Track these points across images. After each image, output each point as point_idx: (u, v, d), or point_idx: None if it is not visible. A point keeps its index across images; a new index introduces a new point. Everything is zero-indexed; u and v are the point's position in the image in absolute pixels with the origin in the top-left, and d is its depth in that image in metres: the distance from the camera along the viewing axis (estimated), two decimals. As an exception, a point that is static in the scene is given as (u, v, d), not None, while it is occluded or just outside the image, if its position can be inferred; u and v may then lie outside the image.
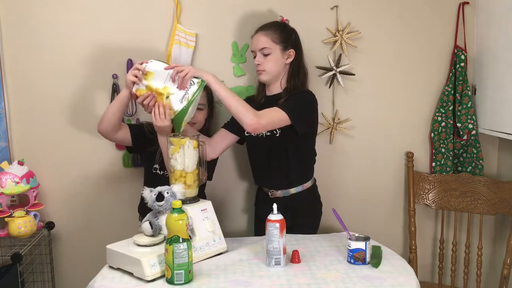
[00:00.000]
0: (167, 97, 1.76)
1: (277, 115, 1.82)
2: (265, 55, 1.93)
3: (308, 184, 2.03)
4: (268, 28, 1.95)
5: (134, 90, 1.79)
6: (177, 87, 1.76)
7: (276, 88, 2.00)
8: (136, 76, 1.76)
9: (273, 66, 1.94)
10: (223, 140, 2.05)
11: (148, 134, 2.00)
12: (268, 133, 1.97)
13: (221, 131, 2.06)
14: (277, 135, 1.94)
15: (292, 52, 1.95)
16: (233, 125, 2.00)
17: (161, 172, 2.02)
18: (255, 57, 1.97)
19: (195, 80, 1.77)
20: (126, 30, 2.18)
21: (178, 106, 1.76)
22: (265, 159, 2.01)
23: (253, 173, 2.13)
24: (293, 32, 2.00)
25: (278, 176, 2.00)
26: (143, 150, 2.04)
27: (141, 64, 1.77)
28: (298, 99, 1.92)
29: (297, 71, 1.98)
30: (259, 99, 2.03)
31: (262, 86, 2.05)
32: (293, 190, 2.00)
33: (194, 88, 1.77)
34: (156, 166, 2.03)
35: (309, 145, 2.04)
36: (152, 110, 1.78)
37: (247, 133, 2.01)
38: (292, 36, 1.98)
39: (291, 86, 1.96)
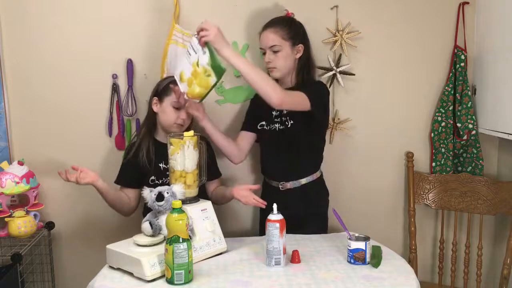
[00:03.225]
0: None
1: (301, 96, 1.86)
2: (275, 52, 1.95)
3: (317, 174, 2.06)
4: (277, 25, 1.96)
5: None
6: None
7: (287, 83, 2.02)
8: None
9: (284, 63, 1.96)
10: (245, 141, 2.11)
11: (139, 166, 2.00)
12: (282, 126, 2.01)
13: (241, 134, 2.12)
14: (289, 126, 1.98)
15: (301, 47, 1.98)
16: (250, 125, 2.10)
17: (160, 181, 2.00)
18: (264, 53, 1.98)
19: (206, 50, 1.73)
20: (126, 30, 2.18)
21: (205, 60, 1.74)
22: (277, 151, 2.04)
23: (263, 166, 2.14)
24: (301, 27, 2.02)
25: (289, 167, 2.02)
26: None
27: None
28: (315, 86, 1.97)
29: (306, 64, 2.01)
30: None
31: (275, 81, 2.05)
32: (304, 181, 2.01)
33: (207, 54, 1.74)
34: (153, 177, 2.01)
35: (320, 136, 2.07)
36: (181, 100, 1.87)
37: (260, 125, 2.06)
38: (300, 31, 2.00)
39: (301, 79, 2.00)
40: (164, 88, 1.97)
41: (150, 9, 2.18)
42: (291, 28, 1.96)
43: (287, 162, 2.02)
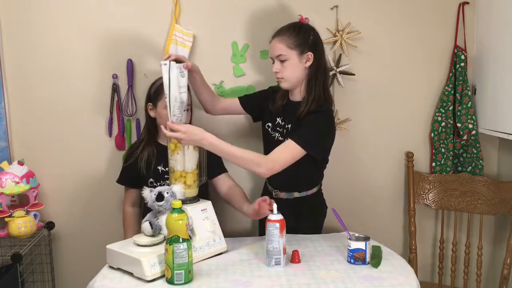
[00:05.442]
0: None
1: (290, 154, 1.78)
2: (282, 62, 1.87)
3: (314, 190, 2.02)
4: (283, 34, 1.87)
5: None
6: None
7: (297, 95, 1.94)
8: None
9: (292, 73, 1.87)
10: (230, 106, 2.08)
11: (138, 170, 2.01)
12: (281, 138, 1.94)
13: (234, 99, 2.08)
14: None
15: (310, 55, 1.86)
16: (249, 104, 2.06)
17: (158, 184, 2.00)
18: (273, 63, 1.91)
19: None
20: (126, 30, 2.18)
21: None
22: None
23: None
24: (311, 33, 1.89)
25: (283, 180, 1.97)
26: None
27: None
28: (314, 125, 1.83)
29: (314, 74, 1.88)
30: (283, 102, 1.98)
31: (286, 90, 1.98)
32: (297, 194, 1.99)
33: None
34: (151, 180, 2.01)
35: (323, 158, 1.99)
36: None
37: (267, 126, 2.01)
38: (310, 38, 1.87)
39: (311, 94, 1.88)
40: (155, 92, 1.97)
41: (150, 9, 2.18)
42: (299, 36, 1.85)
43: (282, 174, 1.90)
